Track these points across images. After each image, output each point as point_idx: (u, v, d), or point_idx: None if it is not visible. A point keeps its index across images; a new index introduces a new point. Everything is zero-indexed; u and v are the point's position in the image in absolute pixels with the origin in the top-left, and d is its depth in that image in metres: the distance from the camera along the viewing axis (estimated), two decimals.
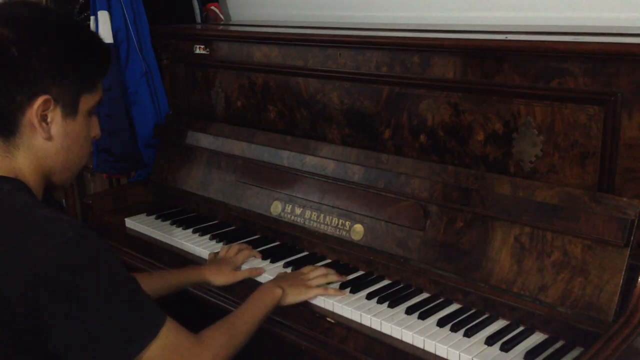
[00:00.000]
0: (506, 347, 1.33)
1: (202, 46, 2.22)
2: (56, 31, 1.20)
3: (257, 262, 1.78)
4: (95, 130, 1.32)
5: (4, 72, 1.15)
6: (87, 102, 1.25)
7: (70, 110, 1.22)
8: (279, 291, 1.51)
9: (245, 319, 1.39)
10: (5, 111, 1.17)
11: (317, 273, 1.63)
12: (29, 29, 1.17)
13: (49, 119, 1.20)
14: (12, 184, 1.19)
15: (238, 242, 1.89)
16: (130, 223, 2.13)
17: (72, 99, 1.22)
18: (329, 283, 1.61)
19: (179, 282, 1.68)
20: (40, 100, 1.17)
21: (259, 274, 1.71)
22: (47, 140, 1.21)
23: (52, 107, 1.19)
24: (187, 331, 1.20)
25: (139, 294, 1.15)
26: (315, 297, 1.57)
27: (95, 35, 1.32)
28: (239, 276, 1.70)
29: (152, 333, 1.13)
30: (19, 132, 1.19)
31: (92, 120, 1.30)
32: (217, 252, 1.83)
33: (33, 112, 1.17)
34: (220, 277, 1.69)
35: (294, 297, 1.54)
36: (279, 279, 1.59)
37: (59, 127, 1.22)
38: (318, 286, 1.58)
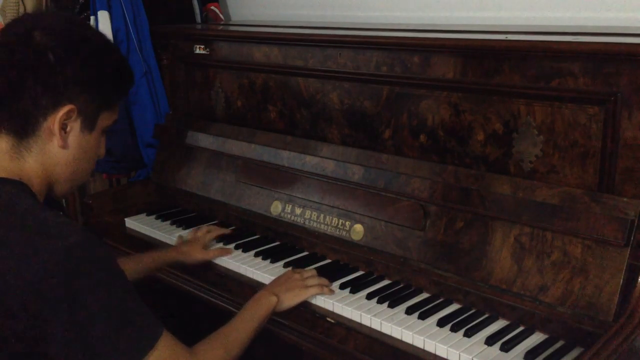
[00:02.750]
0: (506, 347, 1.33)
1: (202, 46, 2.22)
2: (92, 47, 1.25)
3: (257, 262, 1.78)
4: (102, 151, 1.36)
5: (36, 75, 1.18)
6: (105, 120, 1.30)
7: (88, 124, 1.26)
8: (273, 299, 1.50)
9: (240, 330, 1.38)
10: (28, 113, 1.19)
11: (310, 273, 1.63)
12: (67, 40, 1.21)
13: (68, 129, 1.23)
14: (15, 186, 1.19)
15: (237, 241, 1.89)
16: (130, 223, 2.13)
17: (93, 113, 1.26)
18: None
19: (155, 263, 1.75)
20: (65, 108, 1.20)
21: (228, 254, 1.79)
22: (62, 148, 1.23)
23: (74, 118, 1.22)
24: (182, 344, 1.20)
25: (138, 303, 1.15)
26: (311, 297, 1.56)
27: (124, 59, 1.36)
28: (209, 255, 1.80)
29: (150, 344, 1.12)
30: (35, 135, 1.21)
31: (102, 140, 1.34)
32: (183, 235, 1.92)
33: (56, 118, 1.20)
34: (190, 256, 1.79)
35: (290, 301, 1.53)
36: (273, 285, 1.58)
37: (75, 139, 1.25)
38: (314, 285, 1.58)
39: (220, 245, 1.90)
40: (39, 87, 1.18)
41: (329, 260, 1.78)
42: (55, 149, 1.23)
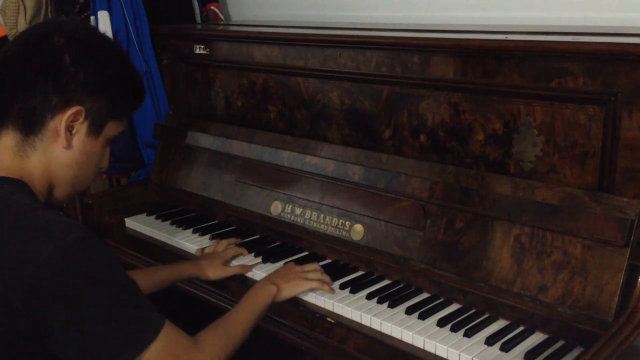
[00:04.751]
0: (506, 347, 1.33)
1: (202, 46, 2.22)
2: (108, 55, 1.29)
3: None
4: (105, 162, 1.37)
5: (50, 74, 1.20)
6: (111, 129, 1.31)
7: (95, 129, 1.27)
8: (273, 288, 1.51)
9: (242, 318, 1.39)
10: (37, 110, 1.21)
11: (311, 267, 1.63)
12: (85, 46, 1.25)
13: (74, 130, 1.25)
14: (15, 185, 1.20)
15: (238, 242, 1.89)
16: (130, 223, 2.13)
17: (101, 120, 1.27)
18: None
19: (172, 277, 1.70)
20: (74, 109, 1.22)
21: (249, 271, 1.72)
22: (66, 149, 1.24)
23: (81, 120, 1.24)
24: (184, 333, 1.21)
25: (138, 297, 1.16)
26: (310, 289, 1.57)
27: (139, 75, 1.39)
28: (230, 271, 1.73)
29: (151, 335, 1.13)
30: (41, 133, 1.23)
31: (105, 151, 1.35)
32: (205, 248, 1.86)
33: (63, 118, 1.22)
34: (210, 272, 1.72)
35: (289, 291, 1.54)
36: (272, 275, 1.59)
37: (80, 142, 1.26)
38: (314, 279, 1.59)
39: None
40: (51, 86, 1.20)
41: (329, 260, 1.78)
42: (59, 150, 1.24)
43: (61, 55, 1.20)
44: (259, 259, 1.79)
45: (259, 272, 1.72)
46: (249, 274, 1.73)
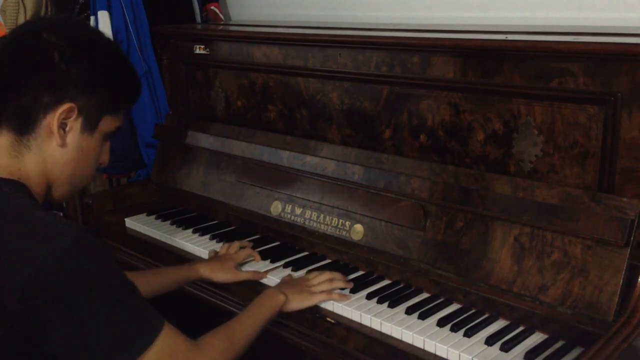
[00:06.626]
0: (506, 347, 1.33)
1: (202, 46, 2.22)
2: (99, 50, 1.26)
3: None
4: (105, 157, 1.35)
5: (40, 72, 1.19)
6: (107, 124, 1.29)
7: (89, 125, 1.25)
8: (282, 297, 1.50)
9: (246, 325, 1.38)
10: (29, 109, 1.20)
11: (322, 279, 1.59)
12: (75, 42, 1.23)
13: (67, 128, 1.23)
14: (12, 186, 1.19)
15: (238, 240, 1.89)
16: (130, 223, 2.13)
17: (95, 115, 1.25)
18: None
19: (177, 279, 1.68)
20: (65, 106, 1.20)
21: (262, 278, 1.69)
22: (60, 147, 1.23)
23: (74, 117, 1.22)
24: (185, 337, 1.19)
25: (137, 298, 1.15)
26: (319, 303, 1.55)
27: (132, 68, 1.36)
28: (241, 276, 1.69)
29: (150, 338, 1.12)
30: (35, 132, 1.21)
31: (105, 146, 1.34)
32: (217, 250, 1.83)
33: (55, 116, 1.20)
34: (221, 274, 1.69)
35: (297, 303, 1.52)
36: (282, 285, 1.58)
37: (75, 139, 1.24)
38: (322, 292, 1.56)
39: (223, 245, 1.90)
40: (42, 84, 1.18)
41: (329, 260, 1.78)
42: (54, 149, 1.23)
43: (50, 53, 1.19)
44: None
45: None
46: None
